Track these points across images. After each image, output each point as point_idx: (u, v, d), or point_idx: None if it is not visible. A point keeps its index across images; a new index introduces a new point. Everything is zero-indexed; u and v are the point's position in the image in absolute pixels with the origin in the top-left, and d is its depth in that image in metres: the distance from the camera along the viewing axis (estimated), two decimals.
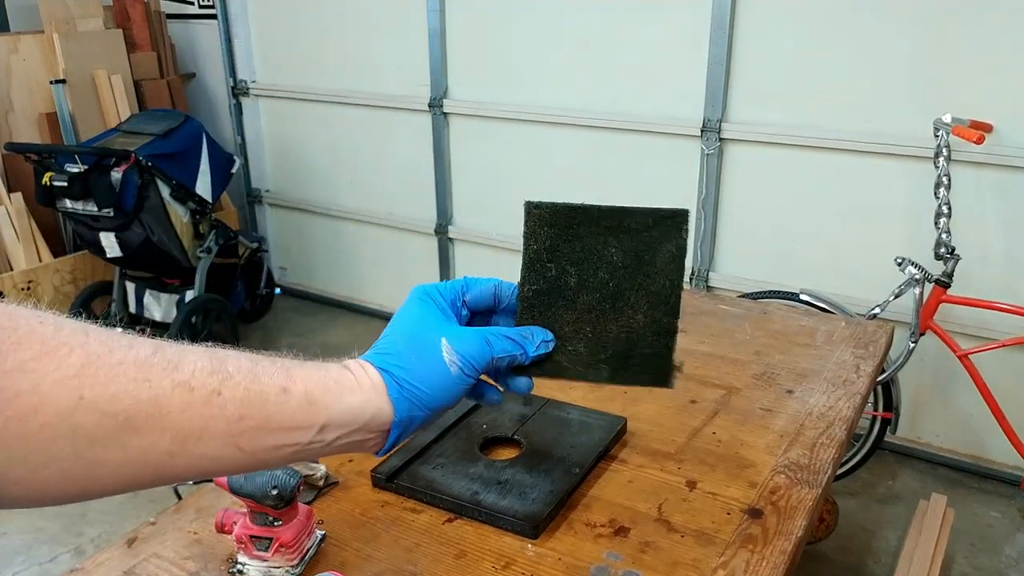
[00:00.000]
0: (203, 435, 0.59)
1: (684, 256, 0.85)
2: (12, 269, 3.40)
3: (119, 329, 0.60)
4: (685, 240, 0.84)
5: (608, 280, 0.86)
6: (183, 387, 0.58)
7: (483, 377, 0.84)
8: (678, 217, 0.83)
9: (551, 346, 0.87)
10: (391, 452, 0.77)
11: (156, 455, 0.58)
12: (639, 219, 0.84)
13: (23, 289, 3.38)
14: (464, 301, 0.86)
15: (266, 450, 0.64)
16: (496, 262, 3.64)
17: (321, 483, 1.29)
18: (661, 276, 0.85)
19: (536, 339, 0.86)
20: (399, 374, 0.74)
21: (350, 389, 0.70)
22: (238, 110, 4.20)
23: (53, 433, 0.52)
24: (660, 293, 0.85)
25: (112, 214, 3.09)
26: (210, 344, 0.65)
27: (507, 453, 1.38)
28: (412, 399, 0.73)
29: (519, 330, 0.86)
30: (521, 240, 0.90)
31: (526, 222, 0.89)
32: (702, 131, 2.93)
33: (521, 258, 0.88)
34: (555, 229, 0.88)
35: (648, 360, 0.87)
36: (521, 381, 0.87)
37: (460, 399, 0.80)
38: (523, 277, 0.89)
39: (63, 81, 3.65)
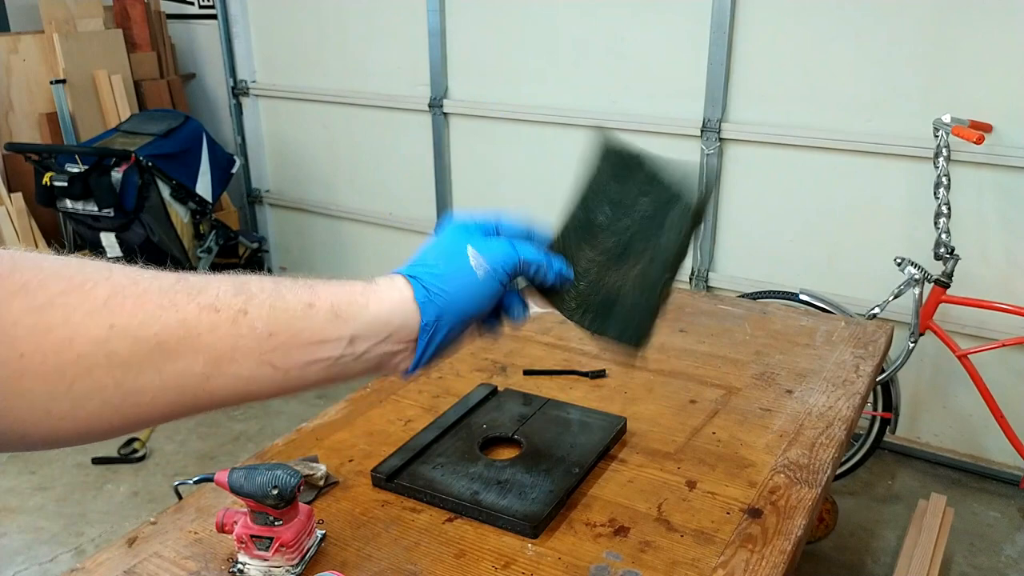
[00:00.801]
0: (235, 355, 0.61)
1: (690, 215, 0.84)
2: None
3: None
4: (696, 200, 0.84)
5: (628, 227, 0.86)
6: (209, 309, 0.59)
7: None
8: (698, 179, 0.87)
9: (569, 276, 0.88)
10: (420, 370, 0.77)
11: (192, 378, 0.59)
12: (674, 174, 0.85)
13: None
14: (497, 230, 0.86)
15: (299, 366, 0.66)
16: None
17: (321, 483, 1.29)
18: (667, 232, 0.84)
19: (557, 264, 0.87)
20: (425, 279, 0.75)
21: (377, 299, 0.72)
22: (238, 110, 4.20)
23: (90, 363, 0.53)
24: (661, 248, 0.85)
25: (112, 214, 3.09)
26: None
27: (507, 453, 1.38)
28: (439, 303, 0.74)
29: (545, 252, 0.87)
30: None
31: (594, 153, 0.89)
32: (702, 131, 2.93)
33: (576, 184, 0.89)
34: (613, 167, 0.88)
35: (628, 313, 0.86)
36: (518, 307, 0.86)
37: (488, 305, 0.80)
38: (571, 201, 0.90)
39: (63, 81, 3.66)
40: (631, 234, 0.86)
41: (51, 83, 3.65)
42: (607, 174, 0.88)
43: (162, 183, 3.17)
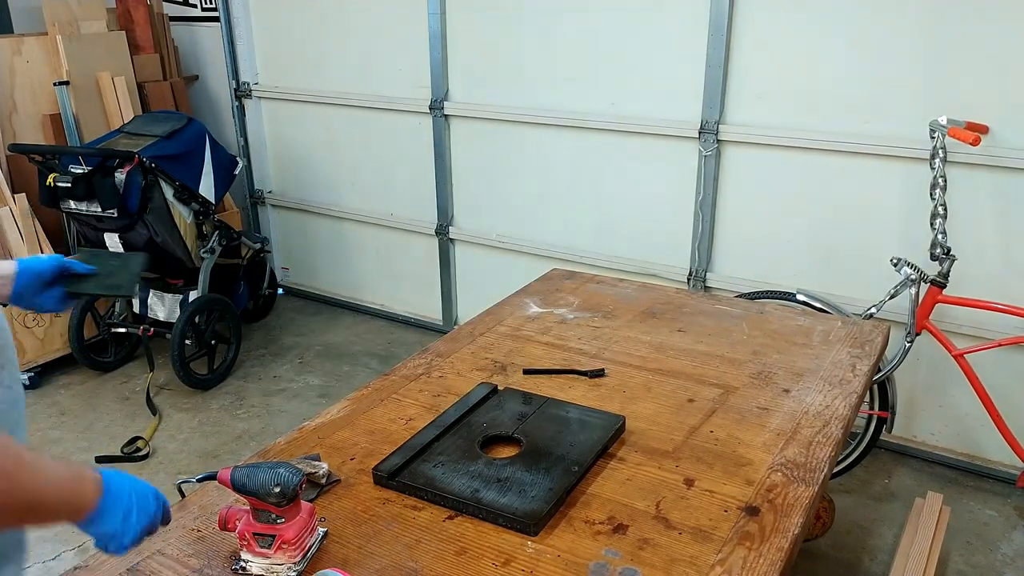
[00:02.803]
0: None
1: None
2: None
3: None
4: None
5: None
6: None
7: None
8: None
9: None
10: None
11: None
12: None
13: None
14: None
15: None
16: (496, 262, 3.66)
17: (323, 481, 1.31)
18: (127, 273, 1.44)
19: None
20: None
21: None
22: (240, 112, 4.22)
23: None
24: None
25: (116, 215, 3.10)
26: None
27: (507, 451, 1.40)
28: None
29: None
30: (521, 241, 0.94)
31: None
32: (700, 133, 2.95)
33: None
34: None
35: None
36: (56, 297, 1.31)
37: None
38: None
39: (67, 83, 3.67)
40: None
41: (55, 85, 3.66)
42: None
43: (165, 184, 3.18)
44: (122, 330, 3.54)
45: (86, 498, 0.92)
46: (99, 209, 3.09)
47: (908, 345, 2.51)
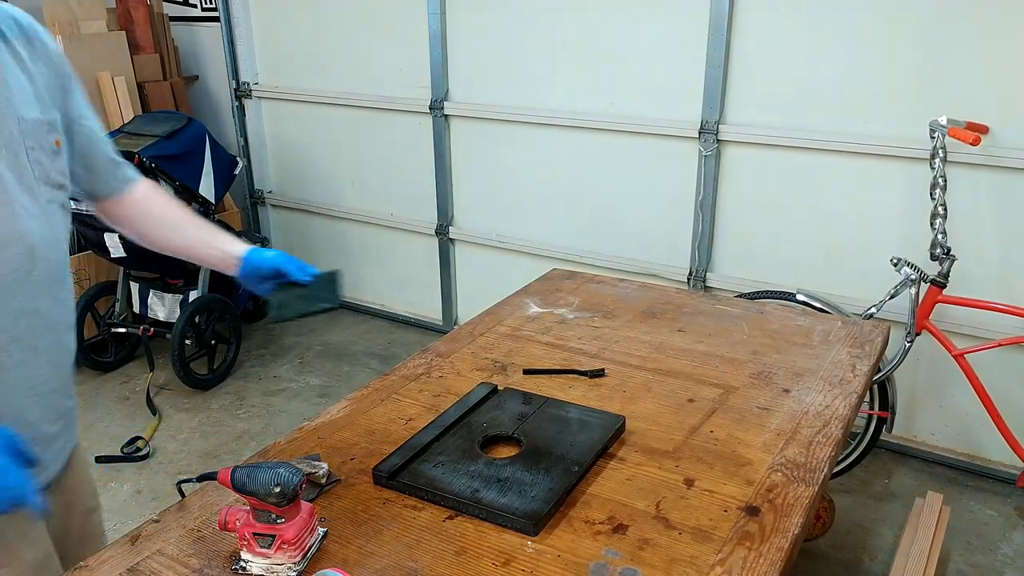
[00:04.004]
0: None
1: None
2: None
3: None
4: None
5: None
6: None
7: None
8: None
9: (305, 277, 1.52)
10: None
11: None
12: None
13: None
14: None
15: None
16: (495, 262, 3.66)
17: (323, 481, 1.31)
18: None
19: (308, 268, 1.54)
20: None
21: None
22: (240, 112, 4.22)
23: None
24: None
25: None
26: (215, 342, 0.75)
27: (507, 451, 1.40)
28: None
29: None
30: (521, 241, 0.96)
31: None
32: (700, 133, 2.95)
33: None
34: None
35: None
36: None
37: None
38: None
39: None
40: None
41: None
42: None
43: (165, 184, 3.18)
44: (122, 330, 3.54)
45: None
46: None
47: (908, 345, 2.51)
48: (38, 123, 1.14)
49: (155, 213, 1.42)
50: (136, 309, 3.54)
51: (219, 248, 1.43)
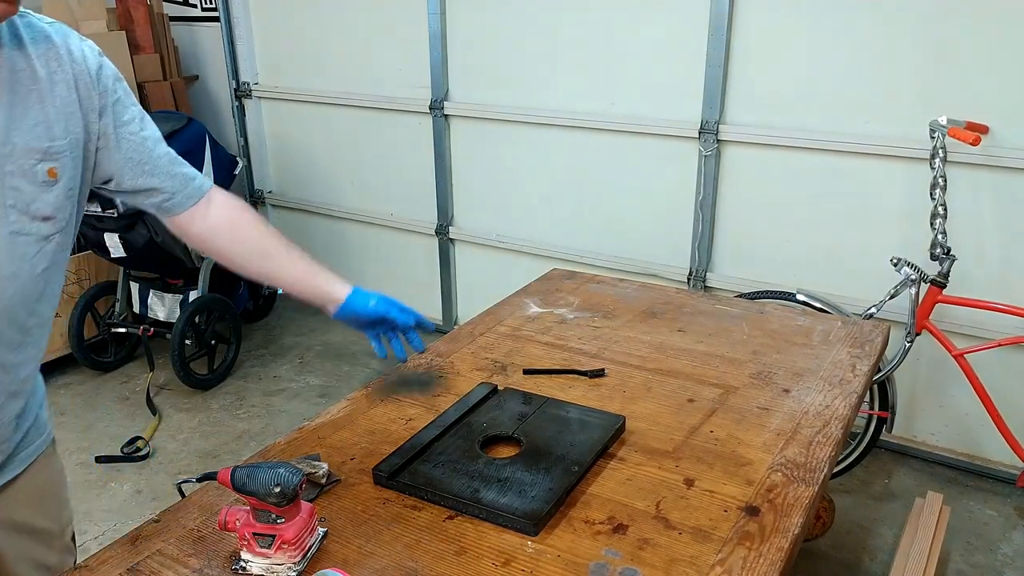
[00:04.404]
0: None
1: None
2: None
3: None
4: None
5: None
6: None
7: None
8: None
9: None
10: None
11: None
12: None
13: None
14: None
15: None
16: (495, 263, 3.66)
17: (323, 481, 1.31)
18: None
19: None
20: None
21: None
22: (240, 112, 4.22)
23: None
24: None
25: (116, 215, 3.10)
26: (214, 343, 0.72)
27: (507, 451, 1.40)
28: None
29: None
30: (521, 241, 0.96)
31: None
32: (700, 133, 2.94)
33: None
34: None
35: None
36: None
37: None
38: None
39: None
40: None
41: None
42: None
43: None
44: (122, 330, 3.54)
45: None
46: (99, 209, 3.10)
47: (908, 345, 2.51)
48: (29, 150, 1.05)
49: (245, 240, 1.37)
50: (136, 309, 3.54)
51: (319, 288, 1.40)
